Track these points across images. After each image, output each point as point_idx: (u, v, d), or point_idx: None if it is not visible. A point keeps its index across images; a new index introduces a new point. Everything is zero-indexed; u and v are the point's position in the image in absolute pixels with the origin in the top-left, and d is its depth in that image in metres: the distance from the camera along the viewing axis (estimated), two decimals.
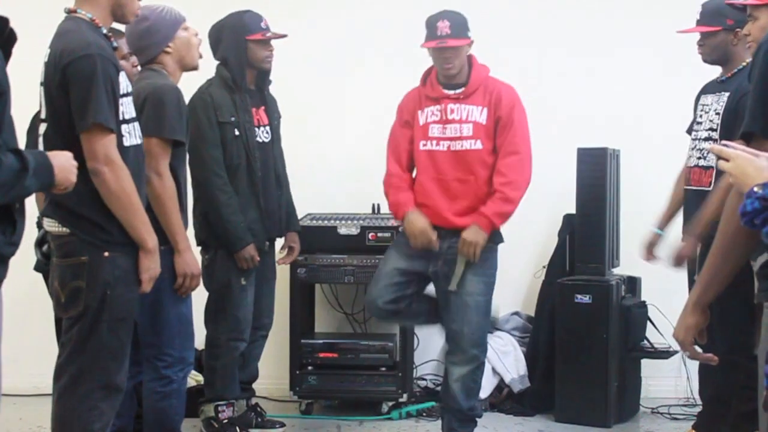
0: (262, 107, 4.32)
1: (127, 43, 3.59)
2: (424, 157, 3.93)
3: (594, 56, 5.34)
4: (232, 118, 4.12)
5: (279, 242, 4.61)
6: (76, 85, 2.81)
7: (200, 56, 3.67)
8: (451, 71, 3.85)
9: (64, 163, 2.48)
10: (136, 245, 2.99)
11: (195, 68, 3.66)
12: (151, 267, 3.01)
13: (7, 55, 2.39)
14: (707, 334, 2.32)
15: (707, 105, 3.91)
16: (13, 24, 2.42)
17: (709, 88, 3.96)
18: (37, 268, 3.56)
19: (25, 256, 3.04)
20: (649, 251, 4.23)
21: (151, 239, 2.99)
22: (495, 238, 3.90)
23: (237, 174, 4.16)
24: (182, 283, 3.44)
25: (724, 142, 2.07)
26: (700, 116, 3.95)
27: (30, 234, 3.07)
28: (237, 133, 4.14)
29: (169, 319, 3.46)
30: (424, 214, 3.86)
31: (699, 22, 3.91)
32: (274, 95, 4.48)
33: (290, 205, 4.51)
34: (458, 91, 3.88)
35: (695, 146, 3.95)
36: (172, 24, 3.54)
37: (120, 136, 2.92)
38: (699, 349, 2.35)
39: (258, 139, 4.24)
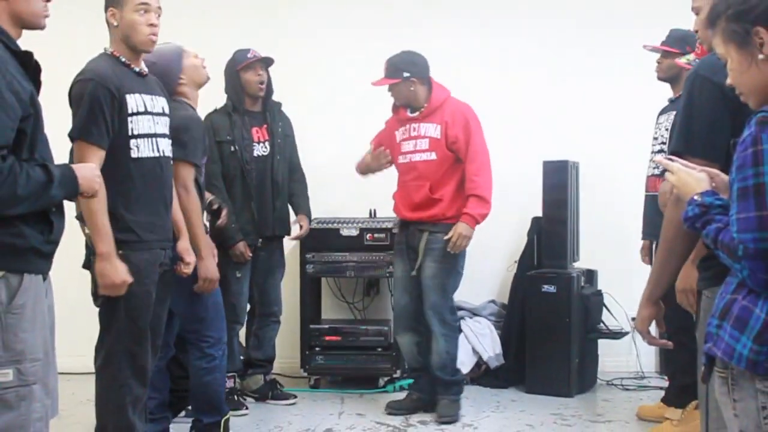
0: (264, 126, 4.69)
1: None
2: (399, 168, 4.49)
3: (557, 78, 5.48)
4: (228, 137, 4.54)
5: (286, 242, 4.82)
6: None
7: (204, 68, 3.80)
8: (396, 102, 4.42)
9: (87, 173, 2.47)
10: (149, 243, 3.08)
11: (206, 82, 3.84)
12: (103, 273, 2.91)
13: (37, 84, 2.40)
14: (664, 323, 2.36)
15: (661, 123, 4.09)
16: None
17: (664, 109, 4.13)
18: (84, 266, 3.42)
19: (81, 254, 3.24)
20: (650, 256, 4.26)
21: (102, 244, 2.90)
22: None
23: (234, 183, 4.55)
24: (201, 285, 3.64)
25: (668, 156, 2.13)
26: (656, 132, 4.12)
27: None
28: (233, 149, 4.54)
29: (207, 307, 3.71)
30: None
31: (663, 43, 4.08)
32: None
33: (300, 196, 4.78)
34: (417, 114, 4.40)
35: (651, 158, 4.09)
36: (176, 59, 3.66)
37: (128, 149, 3.03)
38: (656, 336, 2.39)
39: (256, 153, 4.61)
